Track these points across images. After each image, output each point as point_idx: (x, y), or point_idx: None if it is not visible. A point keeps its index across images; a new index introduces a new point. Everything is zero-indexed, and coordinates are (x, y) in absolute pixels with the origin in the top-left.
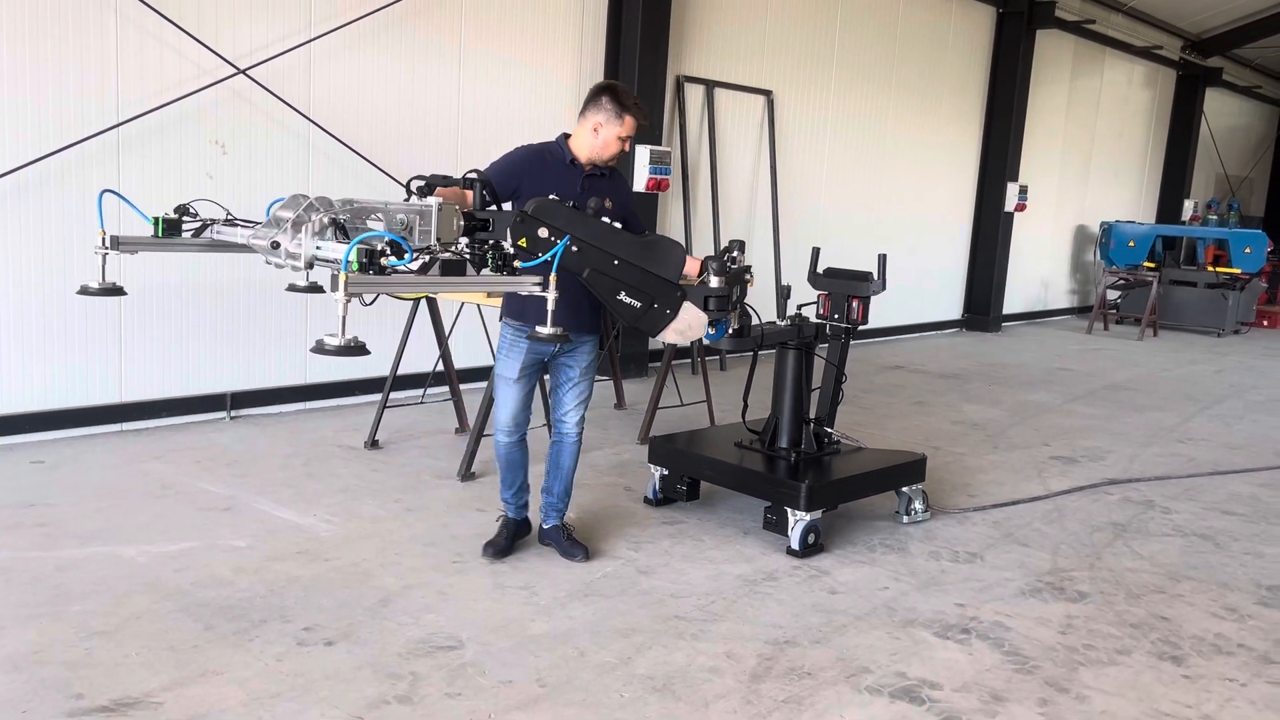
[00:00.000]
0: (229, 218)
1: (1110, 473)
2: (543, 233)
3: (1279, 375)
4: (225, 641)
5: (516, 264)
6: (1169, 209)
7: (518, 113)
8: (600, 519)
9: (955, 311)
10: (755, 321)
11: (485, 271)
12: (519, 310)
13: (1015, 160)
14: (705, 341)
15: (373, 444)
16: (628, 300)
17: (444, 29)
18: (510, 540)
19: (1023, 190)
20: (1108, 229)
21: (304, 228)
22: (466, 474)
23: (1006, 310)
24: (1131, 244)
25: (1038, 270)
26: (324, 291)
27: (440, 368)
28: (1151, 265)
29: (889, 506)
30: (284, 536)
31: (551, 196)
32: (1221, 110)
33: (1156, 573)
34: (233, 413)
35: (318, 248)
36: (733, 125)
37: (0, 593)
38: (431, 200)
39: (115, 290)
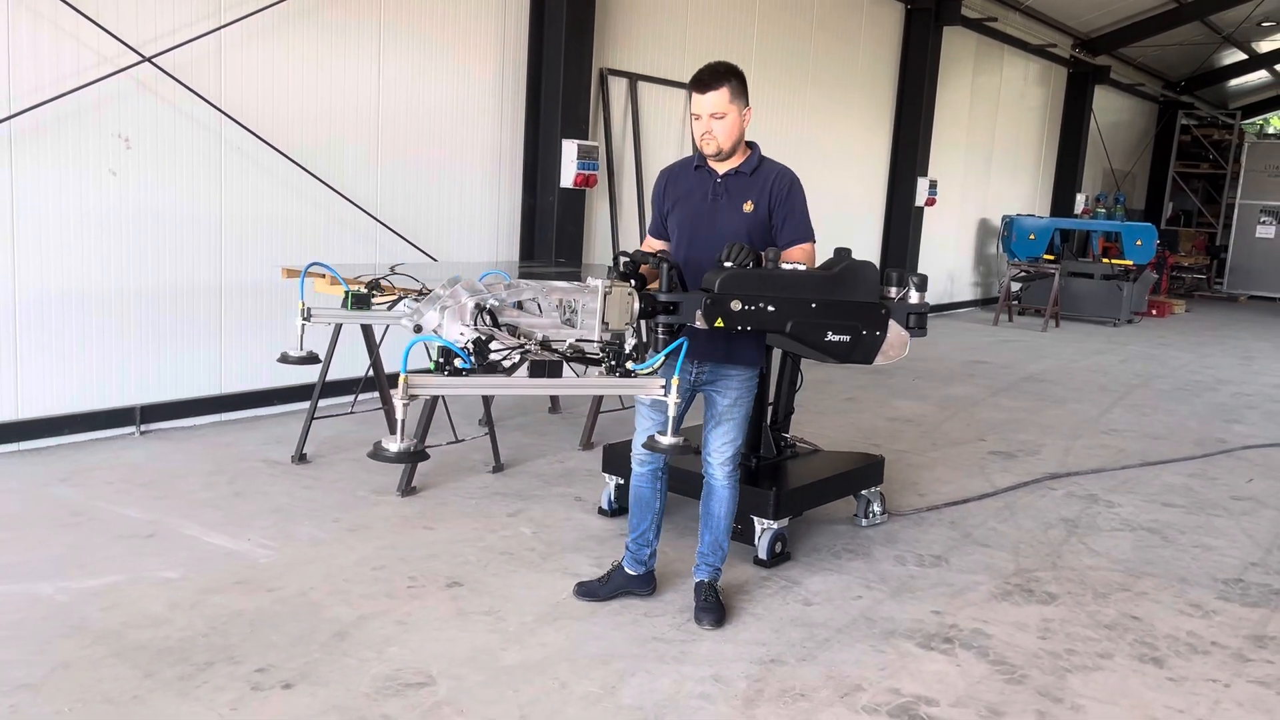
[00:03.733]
0: (422, 289)
1: (1048, 466)
2: (735, 305)
3: (1178, 363)
4: (169, 689)
5: (630, 365)
6: (1062, 203)
7: (439, 102)
8: (556, 533)
9: None
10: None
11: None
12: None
13: (925, 155)
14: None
15: (301, 458)
16: (838, 338)
17: (362, 16)
18: (609, 589)
19: (932, 185)
20: (1009, 222)
21: (445, 311)
22: (407, 489)
23: None
24: (1032, 237)
25: (945, 263)
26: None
27: (371, 374)
28: (1051, 258)
29: (845, 509)
30: (218, 565)
31: (727, 263)
32: (1108, 107)
33: (1116, 569)
34: (143, 427)
35: (461, 333)
36: (657, 119)
37: None
38: (599, 282)
39: (312, 359)
